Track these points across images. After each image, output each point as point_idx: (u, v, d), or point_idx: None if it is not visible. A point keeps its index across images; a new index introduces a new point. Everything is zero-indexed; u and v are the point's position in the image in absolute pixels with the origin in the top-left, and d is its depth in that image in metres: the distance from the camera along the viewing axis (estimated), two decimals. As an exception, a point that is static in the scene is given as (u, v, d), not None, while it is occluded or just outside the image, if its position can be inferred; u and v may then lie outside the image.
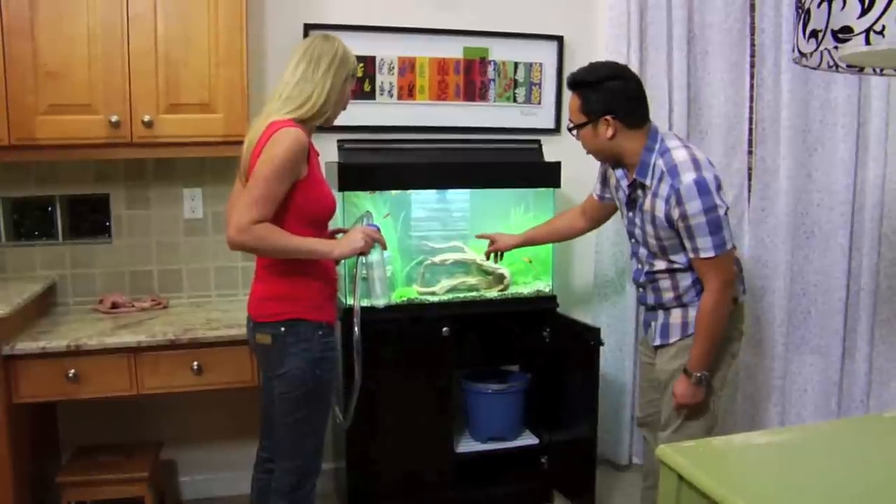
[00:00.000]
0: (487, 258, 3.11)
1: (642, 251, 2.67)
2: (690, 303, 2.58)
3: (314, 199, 2.31)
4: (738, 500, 1.38)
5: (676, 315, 2.63)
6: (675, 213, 2.43)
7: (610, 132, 2.52)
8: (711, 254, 2.43)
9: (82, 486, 2.85)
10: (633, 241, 2.73)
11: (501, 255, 3.12)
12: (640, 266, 2.71)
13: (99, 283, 3.21)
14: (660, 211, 2.48)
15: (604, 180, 2.86)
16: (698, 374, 2.53)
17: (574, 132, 2.63)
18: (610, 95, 2.50)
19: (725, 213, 2.44)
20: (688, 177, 2.40)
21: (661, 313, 2.68)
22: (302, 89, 2.29)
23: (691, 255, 2.49)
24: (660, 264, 2.60)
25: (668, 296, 2.62)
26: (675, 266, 2.56)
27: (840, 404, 3.79)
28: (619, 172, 2.64)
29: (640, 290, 2.75)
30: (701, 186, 2.39)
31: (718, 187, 2.43)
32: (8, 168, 3.06)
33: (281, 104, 2.29)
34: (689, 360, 2.55)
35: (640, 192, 2.57)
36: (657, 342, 2.69)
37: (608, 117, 2.51)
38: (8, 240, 3.12)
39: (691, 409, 2.60)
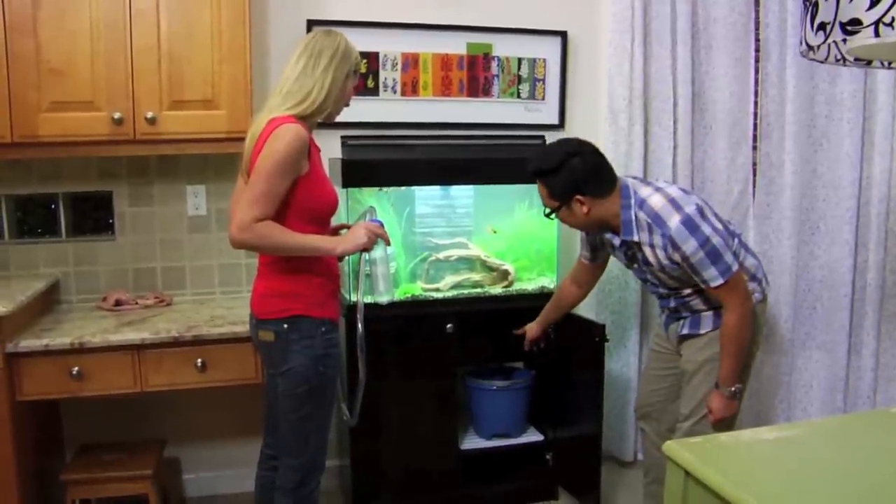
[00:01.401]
0: (530, 350, 3.13)
1: (663, 290, 2.71)
2: (721, 306, 2.60)
3: (316, 195, 2.30)
4: (746, 497, 1.37)
5: (708, 312, 2.67)
6: (677, 257, 2.48)
7: (585, 209, 2.55)
8: (720, 281, 2.47)
9: (86, 483, 2.84)
10: (649, 285, 2.77)
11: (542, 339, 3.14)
12: (667, 298, 2.75)
13: (102, 281, 3.21)
14: (663, 259, 2.53)
15: (590, 245, 2.87)
16: (732, 389, 2.57)
17: (552, 217, 2.65)
18: (571, 177, 2.52)
19: (721, 239, 2.46)
20: (673, 221, 2.44)
21: (690, 316, 2.72)
22: (302, 85, 2.27)
23: (703, 287, 2.53)
24: (686, 291, 2.65)
25: (702, 307, 2.67)
26: (701, 286, 2.58)
27: (846, 400, 3.78)
28: (610, 235, 2.65)
29: (674, 311, 2.78)
30: (689, 225, 2.43)
31: (703, 215, 2.47)
32: (11, 166, 3.06)
33: (281, 100, 2.27)
34: (719, 376, 2.58)
35: (635, 248, 2.60)
36: (685, 332, 2.72)
37: (577, 196, 2.53)
38: (11, 237, 3.12)
39: (725, 420, 2.62)
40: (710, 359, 2.62)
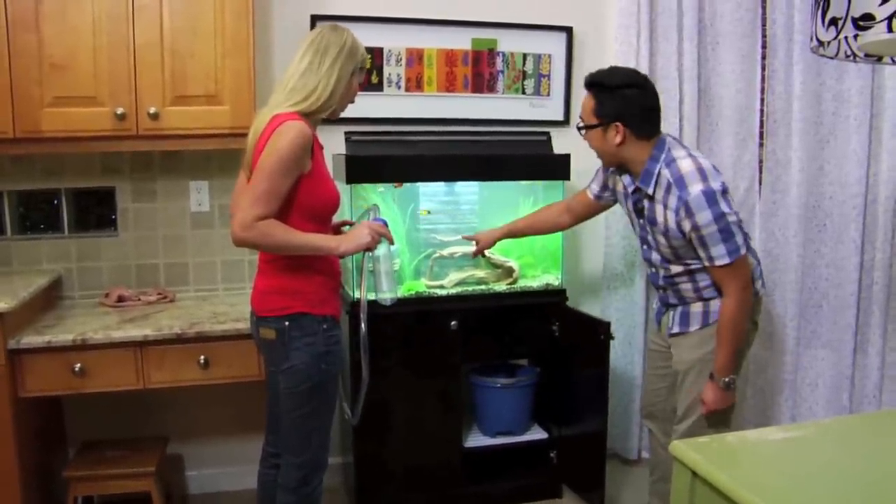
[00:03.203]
0: (474, 256, 3.12)
1: (655, 256, 2.67)
2: (711, 297, 2.59)
3: (318, 193, 2.28)
4: (753, 497, 1.35)
5: (697, 305, 2.63)
6: (687, 225, 2.44)
7: (619, 139, 2.53)
8: (727, 260, 2.44)
9: (89, 480, 2.84)
10: (644, 247, 2.73)
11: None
12: (655, 270, 2.72)
13: (105, 277, 3.20)
14: (671, 222, 2.49)
15: (604, 181, 2.86)
16: (726, 379, 2.54)
17: (582, 132, 2.63)
18: (624, 103, 2.51)
19: (737, 219, 2.45)
20: (695, 188, 2.41)
21: (679, 306, 2.68)
22: (307, 81, 2.24)
23: (706, 264, 2.50)
24: (676, 268, 2.61)
25: (690, 295, 2.64)
26: (693, 267, 2.57)
27: (852, 399, 3.77)
28: (627, 179, 2.64)
29: (661, 291, 2.75)
30: (709, 197, 2.40)
31: (725, 194, 2.44)
32: (14, 161, 3.05)
33: (285, 96, 2.25)
34: (714, 366, 2.55)
35: (645, 201, 2.58)
36: (675, 330, 2.69)
37: (619, 124, 2.51)
38: (14, 233, 3.11)
39: (719, 413, 2.59)
40: (701, 358, 2.60)
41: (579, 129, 2.64)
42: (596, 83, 2.57)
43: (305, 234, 2.22)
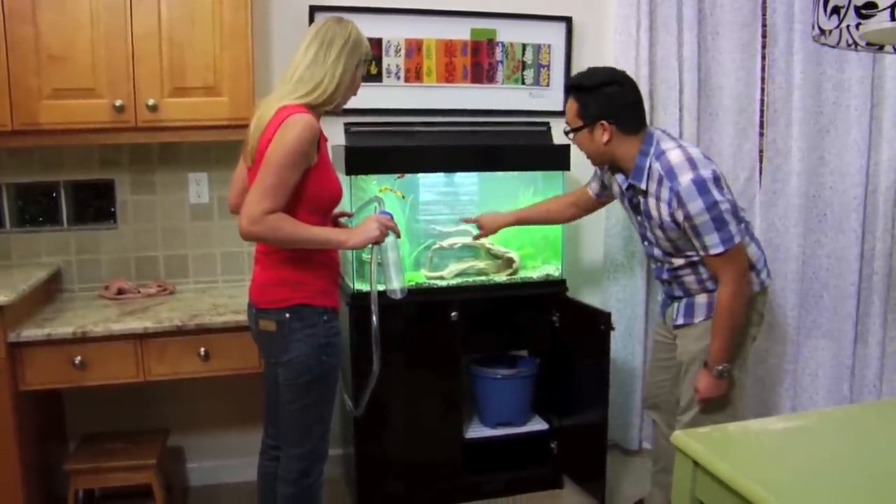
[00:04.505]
0: (476, 239, 3.13)
1: (657, 252, 2.68)
2: (715, 289, 2.59)
3: (323, 187, 2.27)
4: (755, 487, 1.36)
5: (702, 297, 2.64)
6: (679, 215, 2.44)
7: (605, 137, 2.54)
8: (720, 249, 2.44)
9: (90, 473, 2.83)
10: (646, 243, 2.74)
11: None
12: (659, 265, 2.72)
13: (104, 269, 3.19)
14: (665, 214, 2.49)
15: (601, 180, 2.88)
16: (720, 368, 2.54)
17: (570, 136, 2.65)
18: (606, 101, 2.52)
19: (730, 207, 2.44)
20: (685, 178, 2.41)
21: (684, 298, 2.69)
22: (313, 73, 2.23)
23: (701, 254, 2.50)
24: (678, 261, 2.61)
25: (694, 287, 2.65)
26: (694, 259, 2.57)
27: (852, 389, 3.77)
28: (620, 178, 2.64)
29: (666, 284, 2.76)
30: (699, 185, 2.40)
31: (717, 182, 2.44)
32: (12, 153, 3.04)
33: (291, 88, 2.23)
34: (708, 354, 2.55)
35: (640, 197, 2.58)
36: (680, 321, 2.69)
37: (604, 122, 2.53)
38: (12, 226, 3.10)
39: (713, 402, 2.60)
40: (704, 349, 2.60)
41: (567, 133, 2.66)
42: (576, 86, 2.59)
43: (314, 228, 2.21)
